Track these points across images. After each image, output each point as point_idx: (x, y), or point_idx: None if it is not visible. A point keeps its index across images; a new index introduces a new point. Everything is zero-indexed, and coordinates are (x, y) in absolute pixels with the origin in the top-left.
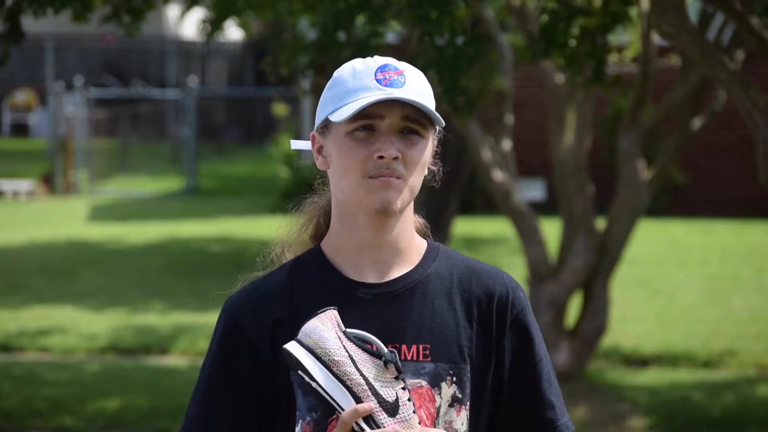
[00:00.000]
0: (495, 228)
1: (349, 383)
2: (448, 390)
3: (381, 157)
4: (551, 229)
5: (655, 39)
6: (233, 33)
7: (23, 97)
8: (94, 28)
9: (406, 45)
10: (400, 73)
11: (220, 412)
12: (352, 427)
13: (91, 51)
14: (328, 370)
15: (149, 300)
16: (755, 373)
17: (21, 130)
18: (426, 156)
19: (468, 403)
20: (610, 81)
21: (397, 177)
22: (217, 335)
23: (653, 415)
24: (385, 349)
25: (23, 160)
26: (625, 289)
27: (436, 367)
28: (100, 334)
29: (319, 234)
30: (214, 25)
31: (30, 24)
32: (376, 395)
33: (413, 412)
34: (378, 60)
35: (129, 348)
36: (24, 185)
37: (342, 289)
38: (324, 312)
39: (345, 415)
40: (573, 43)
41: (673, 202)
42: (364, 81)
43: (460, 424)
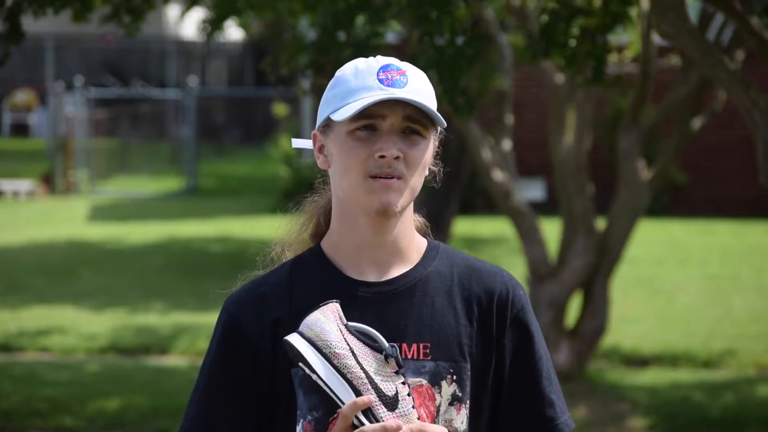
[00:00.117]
0: (495, 228)
1: (350, 376)
2: (448, 388)
3: (382, 157)
4: (551, 229)
5: (655, 39)
6: (233, 33)
7: (23, 97)
8: (94, 28)
9: (406, 45)
10: (402, 73)
11: (220, 411)
12: (352, 421)
13: (91, 51)
14: (329, 362)
15: (149, 300)
16: (755, 373)
17: (21, 130)
18: (427, 156)
19: (468, 401)
20: (610, 81)
21: (398, 177)
22: (217, 334)
23: (653, 415)
24: (386, 343)
25: (23, 160)
26: (625, 289)
27: (437, 366)
28: (100, 334)
29: (319, 233)
30: (214, 25)
31: (30, 24)
32: (376, 389)
33: (413, 407)
34: (380, 60)
35: (129, 348)
36: (24, 185)
37: (342, 287)
38: (326, 305)
39: (345, 408)
40: (573, 43)
41: (673, 202)
42: (366, 80)
43: (459, 423)
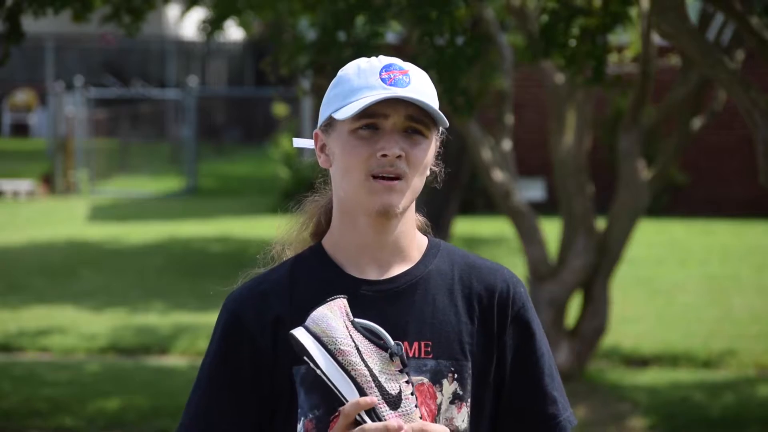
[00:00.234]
0: (495, 228)
1: (353, 373)
2: (449, 387)
3: (384, 156)
4: (551, 229)
5: (655, 39)
6: (233, 33)
7: (23, 97)
8: (94, 28)
9: (406, 45)
10: (404, 72)
11: (220, 410)
12: (354, 419)
13: (91, 51)
14: (333, 358)
15: (149, 300)
16: (755, 373)
17: (21, 130)
18: (429, 156)
19: (469, 400)
20: (610, 81)
21: (400, 177)
22: (217, 332)
23: (653, 415)
24: (391, 341)
25: (23, 160)
26: (625, 289)
27: (438, 364)
28: (100, 334)
29: (319, 232)
30: (214, 25)
31: (30, 24)
32: (380, 387)
33: (415, 407)
34: (383, 59)
35: (129, 348)
36: (24, 185)
37: (344, 286)
38: (333, 300)
39: (347, 406)
40: (573, 43)
41: (673, 202)
42: (368, 80)
43: (460, 421)
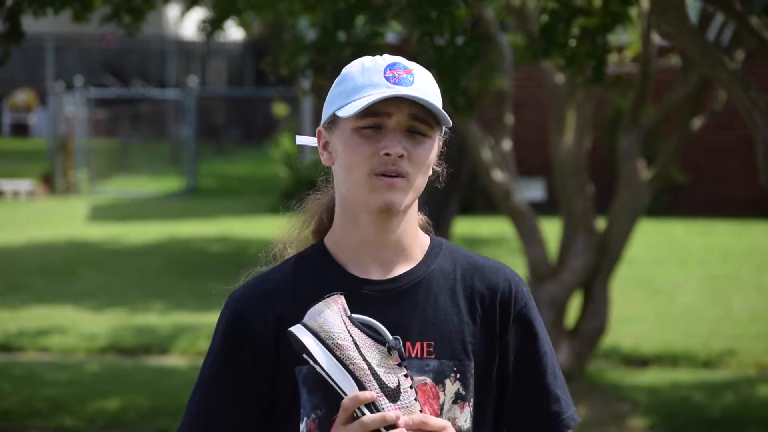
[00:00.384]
0: (495, 228)
1: (352, 367)
2: (452, 387)
3: (387, 155)
4: (551, 229)
5: (655, 39)
6: (233, 33)
7: (23, 97)
8: (94, 28)
9: (406, 45)
10: (409, 71)
11: (221, 409)
12: (353, 413)
13: (91, 51)
14: (332, 353)
15: (149, 300)
16: (755, 373)
17: (21, 130)
18: (432, 156)
19: (471, 399)
20: (610, 81)
21: (402, 175)
22: (219, 331)
23: (653, 415)
24: (389, 335)
25: (23, 160)
26: (625, 289)
27: (440, 364)
28: (100, 334)
29: (321, 230)
30: (214, 25)
31: (30, 24)
32: (378, 381)
33: (415, 400)
34: (387, 58)
35: (129, 348)
36: (24, 185)
37: (346, 285)
38: (330, 296)
39: (346, 401)
40: (573, 43)
41: (673, 202)
42: (372, 78)
43: (463, 421)
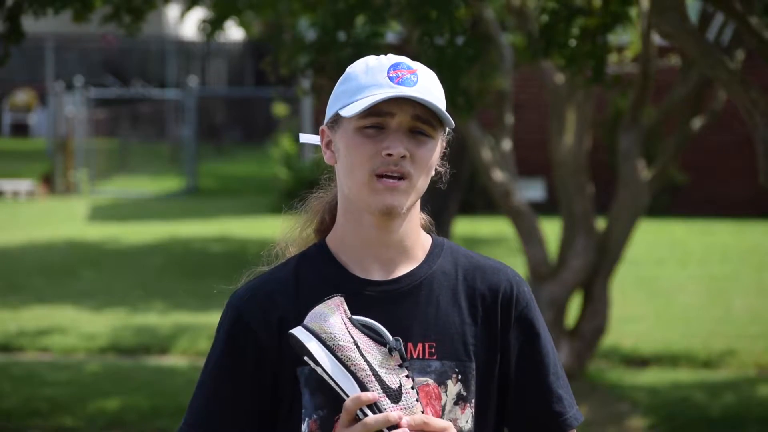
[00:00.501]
0: (495, 228)
1: (353, 369)
2: (454, 388)
3: (389, 155)
4: (551, 229)
5: (655, 39)
6: (233, 33)
7: (23, 97)
8: (94, 28)
9: (406, 45)
10: (413, 72)
11: (223, 409)
12: (356, 414)
13: (91, 51)
14: (333, 355)
15: (149, 300)
16: (755, 373)
17: (21, 130)
18: (434, 157)
19: (473, 400)
20: (610, 81)
21: (404, 176)
22: (221, 331)
23: (653, 415)
24: (390, 336)
25: (23, 160)
26: (625, 289)
27: (442, 365)
28: (100, 334)
29: (323, 229)
30: (214, 25)
31: (30, 24)
32: (380, 381)
33: (416, 400)
34: (392, 58)
35: (129, 348)
36: (24, 185)
37: (348, 286)
38: (331, 298)
39: (348, 402)
40: (573, 43)
41: (673, 202)
42: (376, 78)
43: (464, 422)
